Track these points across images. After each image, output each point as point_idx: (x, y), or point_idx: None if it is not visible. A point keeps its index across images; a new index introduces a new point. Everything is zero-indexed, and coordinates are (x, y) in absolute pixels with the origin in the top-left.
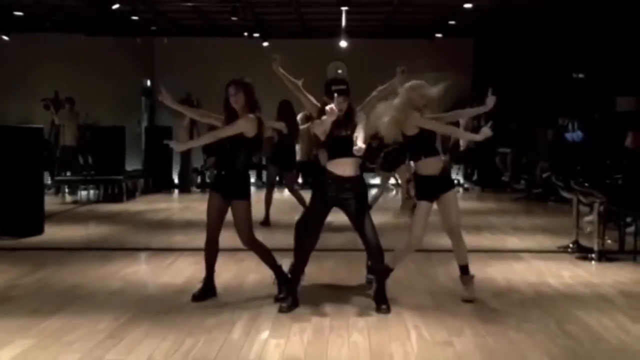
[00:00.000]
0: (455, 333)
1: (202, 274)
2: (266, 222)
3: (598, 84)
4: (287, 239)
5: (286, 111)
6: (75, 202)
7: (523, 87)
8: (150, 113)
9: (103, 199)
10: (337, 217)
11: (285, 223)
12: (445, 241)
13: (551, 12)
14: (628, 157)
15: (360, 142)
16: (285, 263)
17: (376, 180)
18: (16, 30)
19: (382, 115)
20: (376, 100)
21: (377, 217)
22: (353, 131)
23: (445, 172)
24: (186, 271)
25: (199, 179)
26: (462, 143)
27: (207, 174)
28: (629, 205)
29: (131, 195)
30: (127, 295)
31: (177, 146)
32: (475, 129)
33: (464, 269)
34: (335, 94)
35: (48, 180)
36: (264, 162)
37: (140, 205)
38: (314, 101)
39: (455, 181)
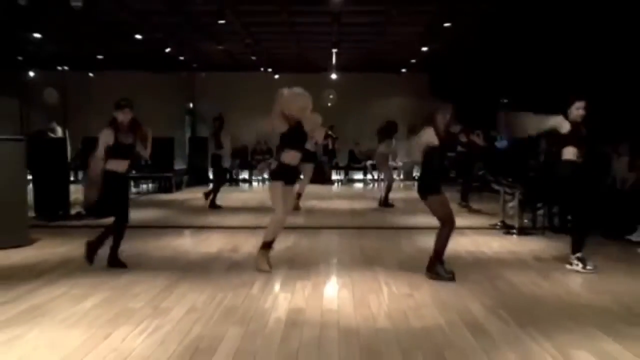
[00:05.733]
0: (416, 288)
1: (229, 245)
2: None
3: (518, 106)
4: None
5: None
6: (138, 192)
7: (465, 110)
8: (192, 127)
9: (158, 190)
10: (331, 203)
11: None
12: (408, 221)
13: (483, 57)
14: (540, 160)
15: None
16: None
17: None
18: (98, 70)
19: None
20: None
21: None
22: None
23: None
24: (218, 243)
25: (227, 176)
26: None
27: (234, 172)
28: (539, 195)
29: (178, 188)
30: (176, 261)
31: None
32: None
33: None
34: None
35: None
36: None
37: (184, 195)
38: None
39: (415, 176)
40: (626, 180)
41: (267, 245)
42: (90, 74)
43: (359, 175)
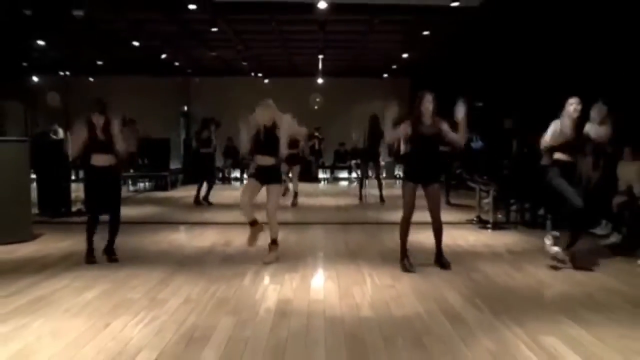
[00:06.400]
0: (397, 279)
1: (221, 240)
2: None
3: (491, 109)
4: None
5: None
6: (136, 190)
7: (442, 111)
8: (186, 129)
9: (155, 188)
10: (317, 200)
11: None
12: (389, 217)
13: (459, 63)
14: (513, 160)
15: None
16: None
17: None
18: (99, 74)
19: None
20: None
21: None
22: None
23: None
24: (211, 238)
25: (220, 175)
26: (402, 148)
27: (226, 171)
28: (512, 192)
29: (173, 186)
30: (171, 255)
31: None
32: None
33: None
34: None
35: None
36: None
37: (180, 192)
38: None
39: (397, 175)
40: (590, 178)
41: (273, 241)
42: (91, 79)
43: (343, 174)
